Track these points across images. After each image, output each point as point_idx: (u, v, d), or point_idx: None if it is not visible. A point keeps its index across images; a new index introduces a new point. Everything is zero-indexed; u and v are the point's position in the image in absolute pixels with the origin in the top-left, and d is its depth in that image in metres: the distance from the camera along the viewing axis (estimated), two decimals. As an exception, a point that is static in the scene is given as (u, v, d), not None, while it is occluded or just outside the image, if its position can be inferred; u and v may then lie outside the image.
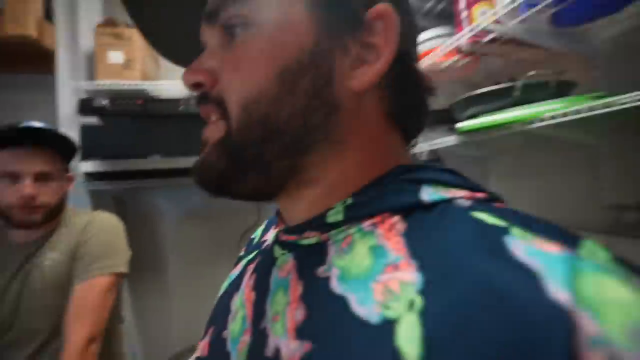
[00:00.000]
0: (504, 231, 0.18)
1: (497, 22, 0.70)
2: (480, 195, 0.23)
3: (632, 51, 0.71)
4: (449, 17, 0.96)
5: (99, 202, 1.16)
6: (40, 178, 0.79)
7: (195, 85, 0.25)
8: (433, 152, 0.98)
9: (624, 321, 0.14)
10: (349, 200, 0.25)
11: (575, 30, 0.74)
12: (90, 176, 1.08)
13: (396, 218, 0.23)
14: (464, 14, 0.82)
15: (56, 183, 0.82)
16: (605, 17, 0.69)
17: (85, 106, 1.05)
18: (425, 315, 0.17)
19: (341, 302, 0.21)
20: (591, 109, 0.56)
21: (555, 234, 0.18)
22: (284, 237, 0.28)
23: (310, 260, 0.25)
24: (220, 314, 0.33)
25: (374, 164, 0.25)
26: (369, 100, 0.26)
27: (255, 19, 0.24)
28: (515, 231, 0.18)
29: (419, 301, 0.18)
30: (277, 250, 0.29)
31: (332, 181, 0.25)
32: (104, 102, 1.04)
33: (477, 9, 0.80)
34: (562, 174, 0.85)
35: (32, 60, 1.13)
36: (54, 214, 0.83)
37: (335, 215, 0.24)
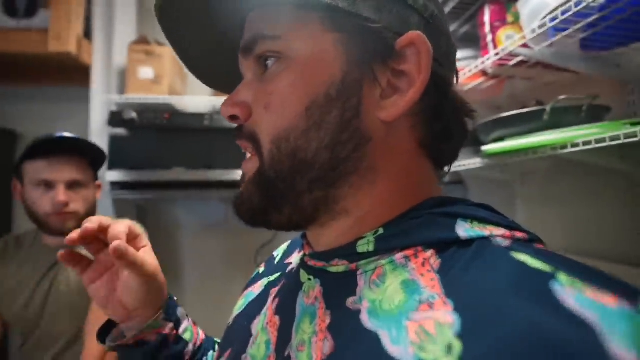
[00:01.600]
0: (550, 276, 0.17)
1: (524, 46, 0.70)
2: (519, 234, 0.22)
3: (668, 76, 0.69)
4: (473, 40, 0.96)
5: (122, 210, 1.19)
6: (72, 186, 0.83)
7: (231, 118, 0.27)
8: (456, 174, 0.96)
9: None
10: (380, 231, 0.24)
11: (607, 54, 0.73)
12: (116, 185, 1.12)
13: (430, 253, 0.22)
14: (489, 38, 0.82)
15: (87, 191, 0.86)
16: (638, 42, 0.67)
17: (115, 118, 1.10)
18: None
19: (373, 338, 0.20)
20: (628, 136, 0.53)
21: (606, 282, 0.17)
22: (312, 263, 0.28)
23: (339, 289, 0.24)
24: (239, 336, 0.32)
25: (406, 195, 0.25)
26: (400, 129, 0.25)
27: (285, 53, 0.24)
28: (562, 277, 0.17)
29: (457, 346, 0.17)
30: (304, 275, 0.28)
31: (364, 212, 0.25)
32: (133, 114, 1.08)
33: (502, 33, 0.80)
34: (595, 201, 0.81)
35: (70, 75, 1.20)
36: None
37: (365, 245, 0.24)
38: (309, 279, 0.27)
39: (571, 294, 0.16)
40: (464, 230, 0.22)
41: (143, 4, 1.40)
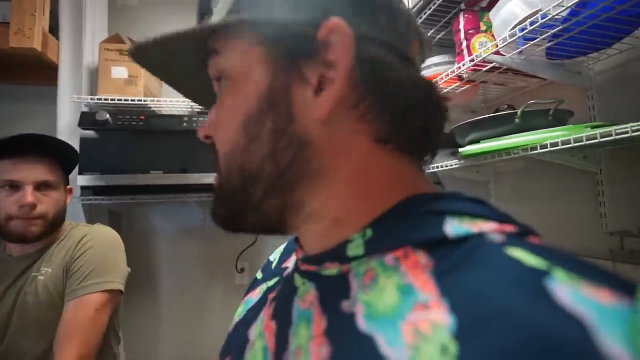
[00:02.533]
0: (545, 273, 0.17)
1: (497, 53, 0.74)
2: (509, 228, 0.21)
3: (622, 83, 0.75)
4: (448, 45, 1.01)
5: (94, 216, 1.14)
6: (41, 187, 0.77)
7: (206, 137, 0.29)
8: (434, 174, 1.00)
9: None
10: (369, 233, 0.24)
11: (570, 62, 0.78)
12: (87, 190, 1.06)
13: (420, 254, 0.21)
14: (464, 44, 0.86)
15: (56, 193, 0.80)
16: (597, 51, 0.73)
17: (87, 119, 1.04)
18: None
19: (369, 342, 0.20)
20: (589, 137, 0.58)
21: (602, 278, 0.16)
22: (304, 267, 0.28)
23: (333, 292, 0.24)
24: (237, 343, 0.31)
25: (376, 193, 0.24)
26: (341, 124, 0.24)
27: (227, 73, 0.26)
28: (558, 273, 0.17)
29: (452, 347, 0.17)
30: (298, 279, 0.28)
31: (336, 214, 0.25)
32: (107, 116, 1.03)
33: (476, 40, 0.84)
34: (564, 199, 0.87)
35: (36, 73, 1.13)
36: (53, 227, 0.80)
37: (355, 249, 0.24)
38: (303, 283, 0.27)
39: (567, 290, 0.16)
40: (453, 227, 0.21)
41: (115, 1, 1.35)
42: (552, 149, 0.63)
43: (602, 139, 0.56)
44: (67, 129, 1.13)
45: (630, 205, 0.73)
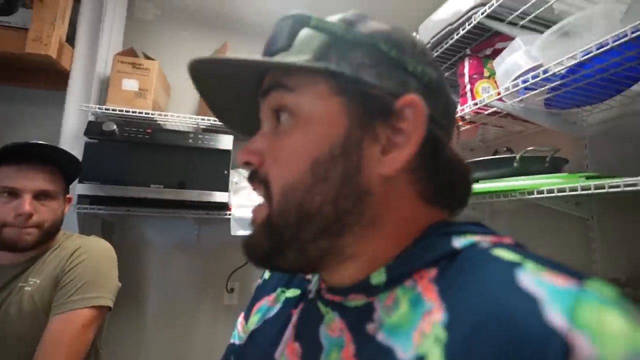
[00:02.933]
0: (519, 265, 0.21)
1: (499, 99, 0.78)
2: (507, 240, 0.25)
3: (613, 135, 0.80)
4: (452, 86, 1.06)
5: (88, 225, 1.12)
6: (40, 196, 0.76)
7: (246, 163, 0.29)
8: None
9: (619, 347, 0.15)
10: (390, 262, 0.27)
11: (565, 112, 0.83)
12: (84, 199, 1.05)
13: (432, 270, 0.25)
14: (467, 87, 0.91)
15: (55, 202, 0.79)
16: (591, 105, 0.78)
17: (94, 129, 1.05)
18: (448, 346, 0.20)
19: (389, 353, 0.23)
20: (584, 188, 0.61)
21: (567, 271, 0.20)
22: (329, 297, 0.30)
23: (359, 319, 0.26)
24: (258, 357, 0.33)
25: (410, 234, 0.27)
26: (399, 183, 0.27)
27: (295, 111, 0.27)
28: (529, 265, 0.21)
29: (442, 335, 0.21)
30: (322, 307, 0.30)
31: (371, 256, 0.27)
32: (113, 127, 1.04)
33: (479, 85, 0.89)
34: (556, 242, 0.90)
35: (48, 78, 1.14)
36: (47, 236, 0.78)
37: (378, 277, 0.26)
38: (327, 312, 0.29)
39: (531, 277, 0.20)
40: (459, 242, 0.25)
41: (132, 15, 1.39)
42: (548, 195, 0.66)
43: (595, 191, 0.59)
44: (71, 135, 1.13)
45: (621, 254, 0.76)
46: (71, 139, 1.12)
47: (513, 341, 0.17)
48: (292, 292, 0.36)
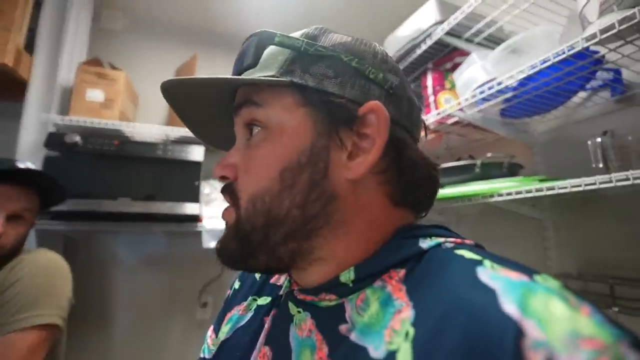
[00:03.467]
0: (478, 262, 0.23)
1: (460, 110, 0.84)
2: (468, 241, 0.27)
3: (559, 142, 0.88)
4: (418, 98, 1.12)
5: (48, 242, 1.04)
6: (11, 219, 0.73)
7: (222, 177, 0.31)
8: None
9: (561, 330, 0.18)
10: (359, 262, 0.28)
11: (518, 122, 0.91)
12: (45, 214, 0.99)
13: (401, 271, 0.26)
14: (431, 99, 0.97)
15: (23, 226, 0.75)
16: (539, 115, 0.86)
17: (54, 140, 1.00)
18: (415, 341, 0.21)
19: (363, 352, 0.24)
20: (538, 190, 0.67)
21: (519, 267, 0.22)
22: (300, 296, 0.30)
23: (330, 318, 0.27)
24: None
25: (378, 241, 0.29)
26: (367, 186, 0.29)
27: (265, 123, 0.29)
28: (487, 263, 0.23)
29: (411, 331, 0.22)
30: (293, 308, 0.30)
31: (341, 256, 0.28)
32: (77, 138, 0.99)
33: (442, 96, 0.95)
34: (514, 242, 0.96)
35: (3, 88, 1.07)
36: (4, 259, 0.73)
37: (346, 275, 0.28)
38: (299, 312, 0.30)
39: (489, 273, 0.22)
40: (425, 243, 0.26)
41: (97, 23, 1.35)
42: (507, 197, 0.72)
43: (547, 192, 0.65)
44: (30, 148, 1.06)
45: (571, 250, 0.83)
46: (29, 151, 1.06)
47: (475, 328, 0.19)
48: (263, 300, 0.36)
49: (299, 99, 0.28)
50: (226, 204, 0.31)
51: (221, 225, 1.09)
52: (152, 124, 1.21)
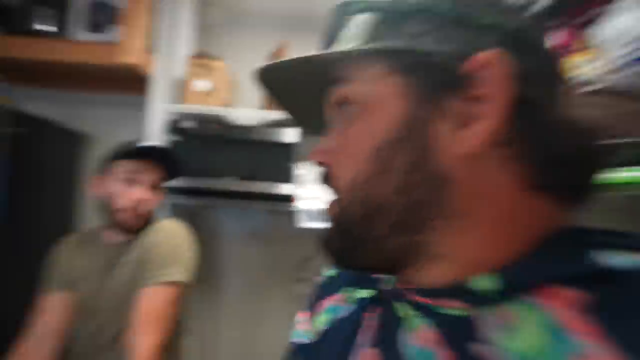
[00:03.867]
0: None
1: (609, 72, 0.67)
2: None
3: None
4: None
5: (178, 215, 1.23)
6: (151, 188, 0.88)
7: (319, 163, 0.29)
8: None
9: None
10: (506, 268, 0.21)
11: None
12: (174, 190, 1.16)
13: (573, 291, 0.19)
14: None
15: (159, 195, 0.92)
16: None
17: (174, 127, 1.14)
18: None
19: None
20: None
21: None
22: (416, 298, 0.25)
23: (459, 333, 0.22)
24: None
25: (522, 238, 0.22)
26: (488, 165, 0.22)
27: (354, 100, 0.26)
28: None
29: None
30: (401, 309, 0.26)
31: (468, 257, 0.23)
32: (191, 124, 1.12)
33: (573, 59, 0.78)
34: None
35: (130, 84, 1.27)
36: (147, 222, 0.90)
37: (484, 283, 0.22)
38: (415, 316, 0.25)
39: None
40: (617, 261, 0.19)
41: (204, 21, 1.48)
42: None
43: None
44: (153, 134, 1.24)
45: None
46: (154, 137, 1.24)
47: None
48: (366, 292, 0.32)
49: (388, 66, 0.24)
50: (318, 185, 0.29)
51: (315, 205, 1.14)
52: (249, 109, 1.29)
